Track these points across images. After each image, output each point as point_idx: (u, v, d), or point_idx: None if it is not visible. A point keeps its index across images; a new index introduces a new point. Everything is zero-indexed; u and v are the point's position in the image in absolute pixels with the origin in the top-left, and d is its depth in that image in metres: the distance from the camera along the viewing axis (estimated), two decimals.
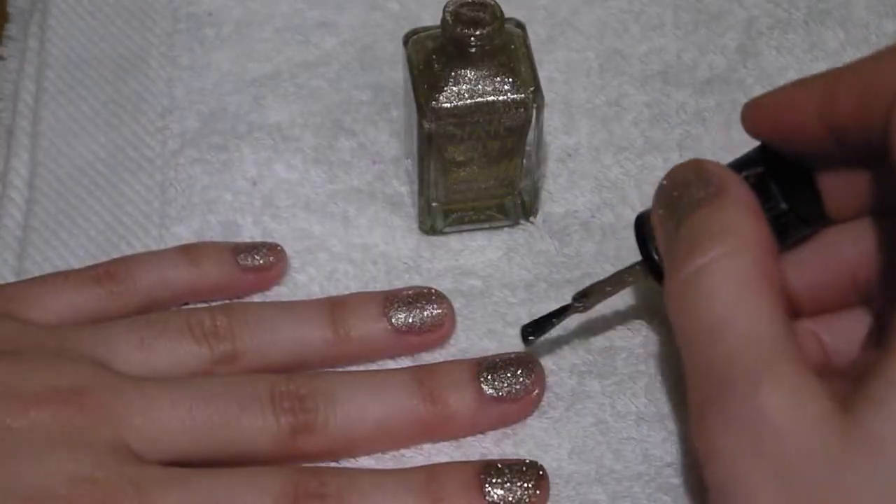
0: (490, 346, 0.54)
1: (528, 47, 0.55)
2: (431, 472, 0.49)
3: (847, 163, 0.47)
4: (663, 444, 0.51)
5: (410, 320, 0.53)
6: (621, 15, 0.64)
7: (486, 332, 0.55)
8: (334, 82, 0.62)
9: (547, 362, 0.53)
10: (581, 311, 0.52)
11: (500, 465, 0.49)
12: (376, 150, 0.60)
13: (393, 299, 0.53)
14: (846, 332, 0.47)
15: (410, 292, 0.53)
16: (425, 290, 0.54)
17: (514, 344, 0.54)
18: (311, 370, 0.52)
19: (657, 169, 0.59)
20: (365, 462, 0.51)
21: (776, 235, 0.47)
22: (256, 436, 0.48)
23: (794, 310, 0.49)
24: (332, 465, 0.51)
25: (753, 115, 0.49)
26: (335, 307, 0.53)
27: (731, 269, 0.44)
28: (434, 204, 0.57)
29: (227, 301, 0.55)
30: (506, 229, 0.58)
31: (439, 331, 0.53)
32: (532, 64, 0.54)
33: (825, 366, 0.49)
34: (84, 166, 0.59)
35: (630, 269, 0.52)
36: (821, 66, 0.61)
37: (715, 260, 0.44)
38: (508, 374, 0.51)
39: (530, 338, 0.52)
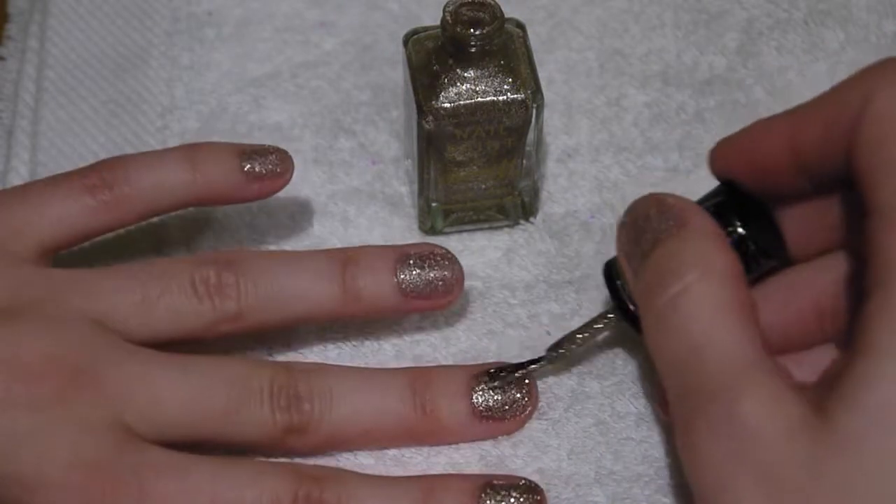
0: (490, 347, 0.54)
1: (528, 47, 0.55)
2: (430, 485, 0.49)
3: (811, 200, 0.48)
4: (663, 445, 0.51)
5: (421, 285, 0.52)
6: (621, 15, 0.64)
7: (485, 332, 0.55)
8: (334, 82, 0.62)
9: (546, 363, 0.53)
10: (553, 363, 0.52)
11: (498, 483, 0.49)
12: (376, 150, 0.60)
13: (405, 259, 0.52)
14: (815, 366, 0.47)
15: (422, 251, 0.52)
16: (436, 251, 0.52)
17: (514, 345, 0.54)
18: (312, 363, 0.53)
19: (657, 169, 0.59)
20: (365, 461, 0.51)
21: None
22: (252, 429, 0.49)
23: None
24: (333, 458, 0.51)
25: (723, 155, 0.49)
26: (347, 264, 0.52)
27: (704, 294, 0.45)
28: (434, 204, 0.57)
29: (237, 247, 0.55)
30: (506, 229, 0.58)
31: (448, 296, 0.52)
32: (532, 64, 0.54)
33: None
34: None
35: (602, 317, 0.52)
36: (821, 67, 0.61)
37: (688, 287, 0.45)
38: (503, 391, 0.51)
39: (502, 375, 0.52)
